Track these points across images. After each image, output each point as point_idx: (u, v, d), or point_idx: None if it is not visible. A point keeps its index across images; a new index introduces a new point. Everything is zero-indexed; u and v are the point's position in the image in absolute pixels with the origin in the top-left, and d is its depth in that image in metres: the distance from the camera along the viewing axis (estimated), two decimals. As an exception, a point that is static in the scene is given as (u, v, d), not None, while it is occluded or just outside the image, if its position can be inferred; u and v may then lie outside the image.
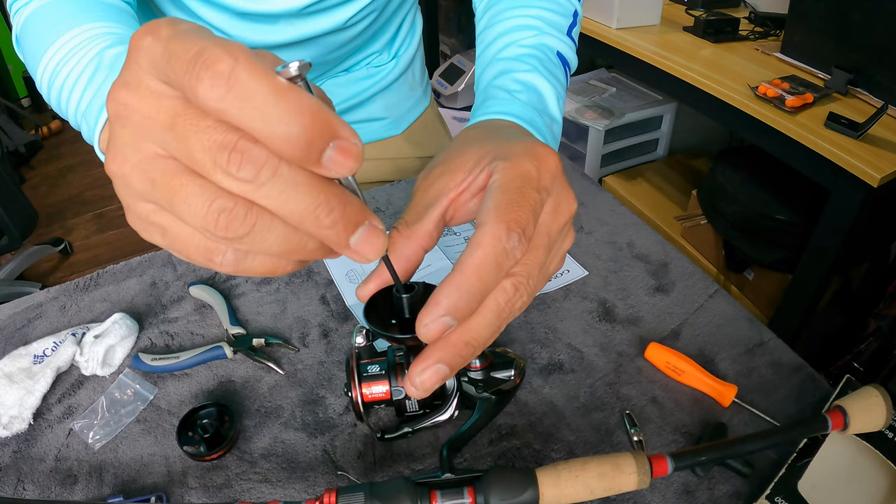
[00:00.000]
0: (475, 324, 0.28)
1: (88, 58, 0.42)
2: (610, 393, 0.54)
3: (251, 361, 0.57)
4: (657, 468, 0.38)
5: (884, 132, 1.05)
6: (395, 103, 0.78)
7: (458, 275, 0.27)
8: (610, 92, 1.93)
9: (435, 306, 0.27)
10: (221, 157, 0.19)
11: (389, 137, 0.80)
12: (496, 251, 0.27)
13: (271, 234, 0.21)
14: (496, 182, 0.30)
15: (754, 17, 1.51)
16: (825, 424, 0.42)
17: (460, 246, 0.71)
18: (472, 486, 0.38)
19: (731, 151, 1.61)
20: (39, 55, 0.45)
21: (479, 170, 0.33)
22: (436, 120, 0.87)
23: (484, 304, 0.28)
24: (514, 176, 0.30)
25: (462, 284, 0.27)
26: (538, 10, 0.50)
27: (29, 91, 3.41)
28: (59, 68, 0.44)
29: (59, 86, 0.44)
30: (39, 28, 0.46)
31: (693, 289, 0.64)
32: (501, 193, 0.29)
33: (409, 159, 0.82)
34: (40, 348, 0.57)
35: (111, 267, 0.70)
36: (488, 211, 0.29)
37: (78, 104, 0.42)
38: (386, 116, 0.77)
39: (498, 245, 0.27)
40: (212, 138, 0.19)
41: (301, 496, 0.47)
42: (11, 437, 0.51)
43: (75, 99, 0.43)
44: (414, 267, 0.35)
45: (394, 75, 0.77)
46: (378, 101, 0.77)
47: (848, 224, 1.07)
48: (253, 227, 0.20)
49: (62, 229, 2.50)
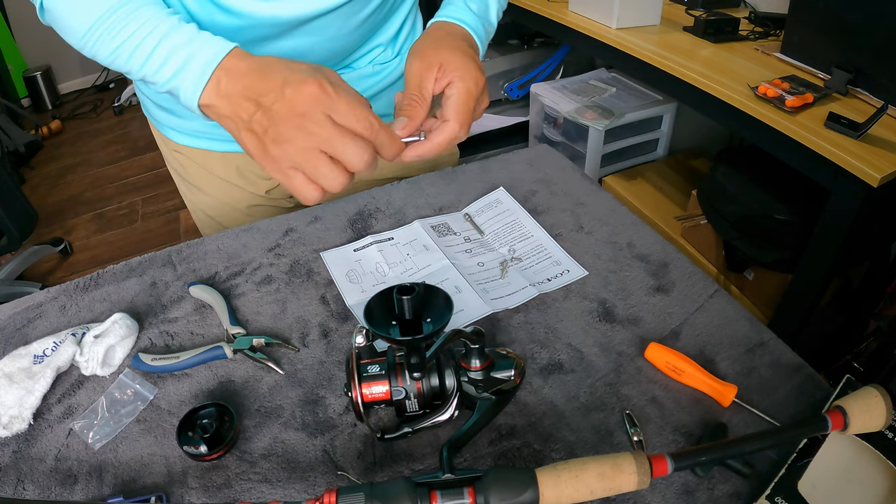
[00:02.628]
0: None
1: (158, 25, 0.54)
2: (610, 393, 0.54)
3: (251, 361, 0.57)
4: (657, 468, 0.38)
5: (884, 132, 1.05)
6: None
7: (429, 143, 0.58)
8: (610, 92, 1.93)
9: (416, 156, 0.58)
10: (358, 160, 0.50)
11: None
12: (452, 136, 0.58)
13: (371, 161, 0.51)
14: (454, 94, 0.58)
15: (754, 17, 1.51)
16: (825, 424, 0.42)
17: (460, 245, 0.71)
18: (472, 486, 0.38)
19: (731, 151, 1.61)
20: (85, 18, 0.55)
21: (443, 76, 0.59)
22: None
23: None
24: (464, 91, 0.58)
25: (430, 150, 0.58)
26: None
27: (29, 91, 3.41)
28: (110, 31, 0.54)
29: (115, 45, 0.55)
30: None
31: (693, 289, 0.64)
32: (457, 103, 0.58)
33: None
34: (40, 348, 0.57)
35: (111, 267, 0.70)
36: (450, 113, 0.58)
37: (149, 61, 0.55)
38: (392, 112, 0.78)
39: (454, 134, 0.58)
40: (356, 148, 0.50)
41: (301, 496, 0.47)
42: (11, 437, 0.51)
43: (144, 55, 0.54)
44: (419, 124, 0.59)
45: (398, 72, 0.81)
46: (383, 97, 0.81)
47: (848, 224, 1.07)
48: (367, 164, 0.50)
49: (62, 229, 2.50)
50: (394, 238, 0.72)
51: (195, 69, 0.53)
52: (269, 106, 0.50)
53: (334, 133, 0.49)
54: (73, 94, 3.61)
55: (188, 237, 1.59)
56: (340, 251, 0.70)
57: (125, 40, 0.54)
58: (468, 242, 0.72)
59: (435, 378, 0.48)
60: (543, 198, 0.78)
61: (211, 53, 0.53)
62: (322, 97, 0.49)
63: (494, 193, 0.78)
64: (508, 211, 0.75)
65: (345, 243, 0.71)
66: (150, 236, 2.44)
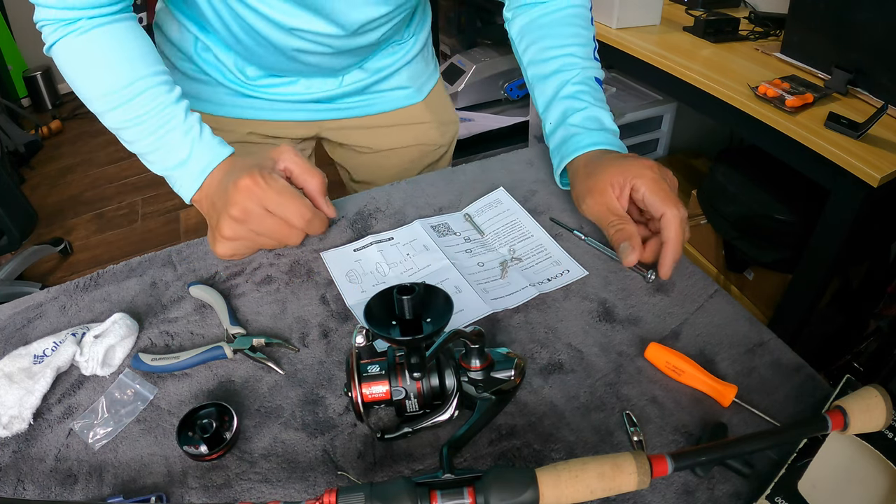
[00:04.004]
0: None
1: (159, 112, 0.63)
2: (610, 393, 0.54)
3: (251, 361, 0.57)
4: (657, 468, 0.38)
5: (884, 132, 1.05)
6: (416, 74, 0.91)
7: (671, 244, 0.59)
8: (610, 92, 1.93)
9: (671, 263, 0.60)
10: (293, 241, 0.64)
11: (413, 105, 0.93)
12: (680, 221, 0.59)
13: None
14: (647, 191, 0.60)
15: (754, 17, 1.51)
16: (825, 424, 0.42)
17: (460, 245, 0.71)
18: (472, 486, 0.38)
19: (731, 151, 1.61)
20: (97, 83, 0.62)
21: (620, 188, 0.62)
22: (444, 91, 1.02)
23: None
24: (647, 182, 0.61)
25: (678, 247, 0.59)
26: (573, 47, 0.72)
27: (29, 91, 3.41)
28: (121, 103, 0.62)
29: (124, 118, 0.62)
30: (93, 58, 0.62)
31: (693, 289, 0.64)
32: (657, 194, 0.60)
33: (428, 124, 0.95)
34: (40, 348, 0.57)
35: (111, 267, 0.70)
36: (660, 204, 0.59)
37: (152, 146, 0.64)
38: (410, 86, 0.91)
39: (679, 218, 0.59)
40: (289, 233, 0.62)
41: (301, 496, 0.47)
42: (11, 437, 0.51)
43: (145, 135, 0.63)
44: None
45: (414, 51, 0.89)
46: (403, 73, 0.89)
47: (848, 224, 1.07)
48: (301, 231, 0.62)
49: (62, 229, 2.50)
50: (394, 238, 0.72)
51: (192, 171, 0.63)
52: (219, 204, 0.60)
53: (268, 223, 0.59)
54: (73, 94, 3.58)
55: (188, 237, 1.59)
56: (340, 251, 0.70)
57: (135, 118, 0.62)
58: (468, 242, 0.72)
59: (435, 378, 0.48)
60: (543, 198, 0.78)
61: (207, 160, 0.62)
62: (254, 189, 0.57)
63: (494, 193, 0.78)
64: (508, 211, 0.75)
65: (345, 243, 0.71)
66: (150, 236, 2.44)
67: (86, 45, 0.61)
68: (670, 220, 0.59)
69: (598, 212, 0.64)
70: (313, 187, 0.63)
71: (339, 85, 0.84)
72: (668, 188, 0.60)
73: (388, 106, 0.91)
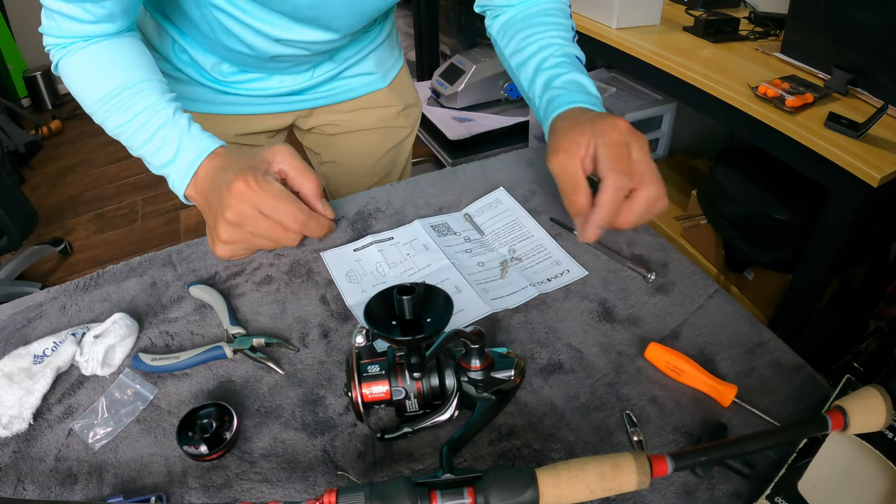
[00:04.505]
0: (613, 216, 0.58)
1: (156, 115, 0.63)
2: (610, 393, 0.54)
3: (251, 361, 0.57)
4: (657, 468, 0.38)
5: (884, 132, 1.05)
6: (381, 60, 0.94)
7: (597, 209, 0.57)
8: (610, 92, 1.93)
9: (595, 227, 0.57)
10: (289, 242, 0.62)
11: (379, 90, 0.96)
12: (616, 189, 0.56)
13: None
14: (601, 152, 0.57)
15: (754, 17, 1.51)
16: (825, 424, 0.42)
17: (460, 245, 0.71)
18: (472, 486, 0.38)
19: (731, 151, 1.61)
20: (97, 89, 0.64)
21: (586, 147, 0.58)
22: (408, 75, 1.05)
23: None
24: (611, 145, 0.57)
25: (607, 214, 0.57)
26: (552, 35, 0.73)
27: (29, 91, 3.41)
28: (119, 106, 0.63)
29: (122, 120, 0.64)
30: (94, 67, 0.65)
31: (693, 289, 0.64)
32: (607, 157, 0.57)
33: (393, 107, 0.99)
34: (40, 348, 0.57)
35: (111, 267, 0.70)
36: (605, 168, 0.57)
37: (147, 146, 0.64)
38: (376, 72, 0.94)
39: (617, 185, 0.56)
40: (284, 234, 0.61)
41: (301, 496, 0.47)
42: (11, 437, 0.51)
43: (142, 139, 0.64)
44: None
45: (381, 38, 0.92)
46: (371, 58, 0.92)
47: (848, 224, 1.07)
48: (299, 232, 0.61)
49: (62, 229, 2.50)
50: (394, 238, 0.72)
51: (181, 167, 0.62)
52: (215, 205, 0.60)
53: (263, 226, 0.59)
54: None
55: (188, 237, 1.59)
56: (340, 251, 0.70)
57: (129, 120, 0.63)
58: (468, 242, 0.72)
59: (435, 378, 0.48)
60: (543, 198, 0.78)
61: (194, 154, 0.62)
62: (248, 193, 0.57)
63: (494, 193, 0.78)
64: (508, 211, 0.75)
65: (345, 243, 0.71)
66: (150, 236, 2.44)
67: (86, 57, 0.64)
68: (606, 185, 0.56)
69: (559, 174, 0.61)
70: (308, 190, 0.63)
71: (311, 77, 0.87)
72: (625, 153, 0.57)
73: (356, 92, 0.94)
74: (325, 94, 0.92)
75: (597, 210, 0.57)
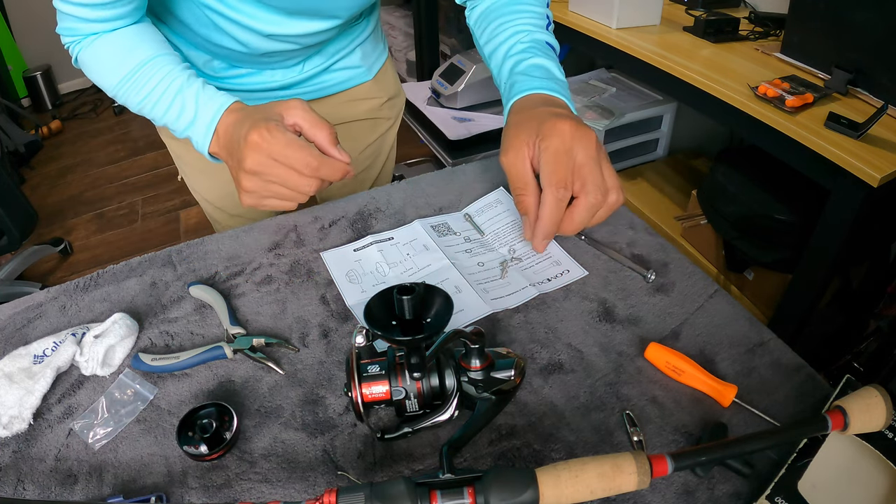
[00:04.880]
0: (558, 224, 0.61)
1: (173, 86, 0.67)
2: (610, 393, 0.54)
3: (251, 361, 0.57)
4: (657, 468, 0.38)
5: (884, 132, 1.05)
6: (367, 54, 0.96)
7: (542, 221, 0.59)
8: (610, 92, 1.93)
9: (539, 239, 0.61)
10: (306, 190, 0.60)
11: (364, 83, 0.98)
12: (554, 201, 0.58)
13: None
14: (542, 160, 0.58)
15: (754, 17, 1.51)
16: (825, 424, 0.42)
17: (460, 245, 0.71)
18: (472, 486, 0.38)
19: (731, 151, 1.61)
20: (116, 73, 0.68)
21: (532, 148, 0.59)
22: (392, 68, 1.06)
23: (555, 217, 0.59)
24: (551, 152, 0.57)
25: (548, 225, 0.59)
26: (523, 23, 0.73)
27: (29, 91, 3.41)
28: (138, 83, 0.67)
29: (143, 95, 0.67)
30: (111, 54, 0.68)
31: (693, 289, 0.64)
32: (547, 166, 0.58)
33: (378, 99, 1.01)
34: (40, 348, 0.57)
35: (111, 267, 0.70)
36: (544, 181, 0.58)
37: (168, 111, 0.67)
38: (362, 65, 0.96)
39: (555, 197, 0.58)
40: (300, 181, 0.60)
41: (301, 496, 0.47)
42: (11, 437, 0.51)
43: (164, 107, 0.67)
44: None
45: (367, 32, 0.94)
46: (358, 52, 0.94)
47: (848, 224, 1.07)
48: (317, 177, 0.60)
49: (62, 229, 2.50)
50: (394, 238, 0.72)
51: (201, 126, 0.65)
52: (235, 157, 0.62)
53: (278, 172, 0.59)
54: (73, 94, 3.61)
55: (188, 237, 1.59)
56: (340, 251, 0.70)
57: (149, 93, 0.67)
58: (468, 242, 0.72)
59: (435, 378, 0.48)
60: (543, 198, 0.78)
61: (212, 112, 0.65)
62: (261, 143, 0.58)
63: (494, 193, 0.78)
64: (508, 211, 0.75)
65: (345, 243, 0.71)
66: (150, 236, 2.44)
67: (103, 46, 0.68)
68: (545, 198, 0.58)
69: (509, 172, 0.62)
70: (322, 139, 0.64)
71: (301, 72, 0.89)
72: (565, 162, 0.58)
73: (344, 86, 0.96)
74: (314, 87, 0.93)
75: (538, 223, 0.60)
